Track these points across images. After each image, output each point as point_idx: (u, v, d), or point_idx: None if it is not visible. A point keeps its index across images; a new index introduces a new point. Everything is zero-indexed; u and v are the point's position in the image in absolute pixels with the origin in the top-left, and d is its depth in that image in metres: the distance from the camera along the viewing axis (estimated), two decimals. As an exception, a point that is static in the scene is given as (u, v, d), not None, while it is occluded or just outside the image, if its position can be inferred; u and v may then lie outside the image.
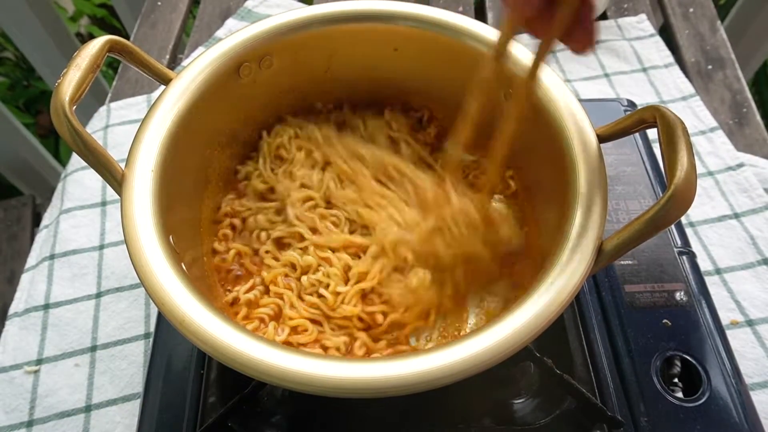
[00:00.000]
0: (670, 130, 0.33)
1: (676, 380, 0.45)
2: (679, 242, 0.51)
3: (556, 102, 0.41)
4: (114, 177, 0.38)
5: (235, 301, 0.46)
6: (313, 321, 0.44)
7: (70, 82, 0.36)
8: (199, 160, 0.47)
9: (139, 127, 0.41)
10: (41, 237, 0.66)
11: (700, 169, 0.66)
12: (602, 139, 0.39)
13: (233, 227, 0.50)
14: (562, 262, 0.34)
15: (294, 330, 0.44)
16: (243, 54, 0.46)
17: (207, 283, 0.45)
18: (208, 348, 0.32)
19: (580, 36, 0.35)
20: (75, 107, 0.36)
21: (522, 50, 0.44)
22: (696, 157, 0.66)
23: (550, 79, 0.43)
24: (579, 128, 0.40)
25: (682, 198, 0.31)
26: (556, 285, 0.33)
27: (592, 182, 0.37)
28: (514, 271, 0.47)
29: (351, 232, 0.47)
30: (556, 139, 0.40)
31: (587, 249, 0.34)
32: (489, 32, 0.46)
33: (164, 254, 0.36)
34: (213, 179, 0.50)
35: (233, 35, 0.46)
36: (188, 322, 0.33)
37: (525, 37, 0.81)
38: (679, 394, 0.43)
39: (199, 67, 0.44)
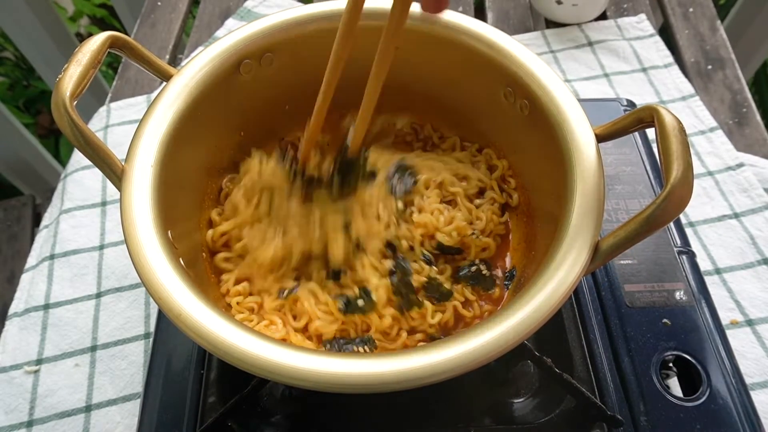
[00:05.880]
0: (667, 129, 0.33)
1: (675, 380, 0.45)
2: (678, 242, 0.51)
3: (555, 100, 0.41)
4: (114, 172, 0.38)
5: (227, 293, 0.46)
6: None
7: (71, 78, 0.36)
8: (200, 156, 0.47)
9: (140, 123, 0.41)
10: (41, 237, 0.66)
11: (699, 169, 0.66)
12: (601, 138, 0.39)
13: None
14: (558, 262, 0.34)
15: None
16: (244, 51, 0.46)
17: (206, 279, 0.45)
18: (204, 342, 0.32)
19: None
20: (75, 103, 0.36)
21: (515, 45, 0.45)
22: (696, 157, 0.66)
23: (548, 78, 0.43)
24: (577, 127, 0.40)
25: (679, 197, 0.31)
26: (551, 284, 0.33)
27: (590, 181, 0.37)
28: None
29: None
30: (554, 138, 0.40)
31: (583, 248, 0.34)
32: (487, 30, 0.46)
33: (162, 249, 0.36)
34: (214, 176, 0.50)
35: (234, 32, 0.46)
36: (185, 316, 0.33)
37: (524, 37, 0.81)
38: (679, 394, 0.43)
39: (199, 63, 0.44)
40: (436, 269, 0.46)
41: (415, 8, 0.48)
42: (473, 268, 0.47)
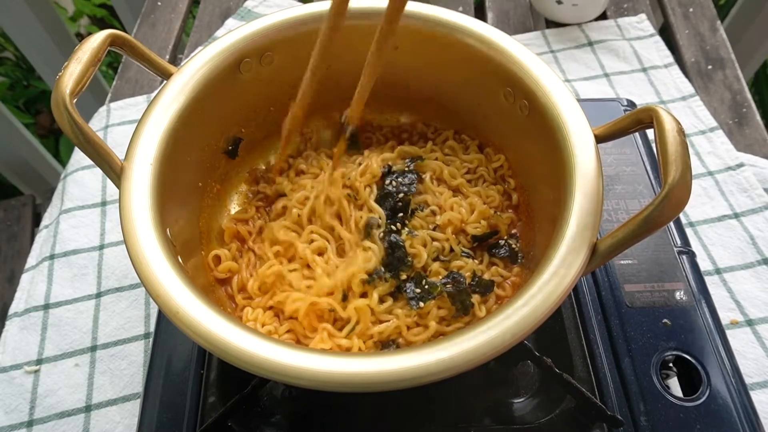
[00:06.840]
0: (666, 131, 0.33)
1: (675, 380, 0.45)
2: (678, 242, 0.51)
3: (554, 101, 0.41)
4: (113, 169, 0.38)
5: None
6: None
7: (71, 75, 0.36)
8: (199, 155, 0.47)
9: (139, 121, 0.41)
10: (41, 237, 0.66)
11: (700, 169, 0.66)
12: (600, 139, 0.39)
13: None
14: (556, 262, 0.34)
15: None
16: (243, 50, 0.46)
17: (206, 280, 0.45)
18: (200, 339, 0.32)
19: None
20: (75, 101, 0.36)
21: (515, 45, 0.45)
22: (696, 157, 0.66)
23: (548, 78, 0.43)
24: (576, 128, 0.40)
25: (677, 198, 0.31)
26: (548, 284, 0.33)
27: (588, 182, 0.37)
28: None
29: None
30: (553, 139, 0.40)
31: (581, 249, 0.34)
32: (487, 30, 0.46)
33: (161, 247, 0.36)
34: (213, 174, 0.50)
35: (234, 31, 0.46)
36: (182, 314, 0.33)
37: (524, 37, 0.81)
38: (679, 394, 0.43)
39: (199, 62, 0.44)
40: (476, 261, 0.47)
41: (421, 8, 0.48)
42: (502, 243, 0.48)
